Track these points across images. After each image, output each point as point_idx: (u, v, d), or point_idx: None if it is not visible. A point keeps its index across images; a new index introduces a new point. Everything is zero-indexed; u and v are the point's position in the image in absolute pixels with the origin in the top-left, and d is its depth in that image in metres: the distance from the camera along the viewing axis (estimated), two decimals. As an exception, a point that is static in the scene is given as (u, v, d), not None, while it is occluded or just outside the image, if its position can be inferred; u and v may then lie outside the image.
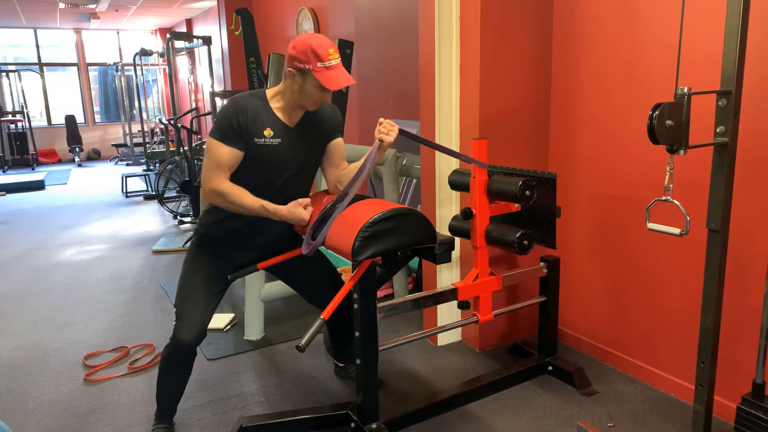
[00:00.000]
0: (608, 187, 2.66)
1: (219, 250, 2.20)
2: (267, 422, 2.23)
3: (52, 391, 2.71)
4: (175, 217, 6.15)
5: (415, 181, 4.30)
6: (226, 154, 2.01)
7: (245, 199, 2.03)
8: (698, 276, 2.31)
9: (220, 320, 3.38)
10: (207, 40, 6.84)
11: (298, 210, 2.06)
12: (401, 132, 2.04)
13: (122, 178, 8.30)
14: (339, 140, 2.23)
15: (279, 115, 2.06)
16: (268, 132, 2.03)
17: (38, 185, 8.83)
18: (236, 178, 2.06)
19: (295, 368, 2.85)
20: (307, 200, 2.11)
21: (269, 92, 2.09)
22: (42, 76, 12.17)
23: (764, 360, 1.95)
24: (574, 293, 2.93)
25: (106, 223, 6.32)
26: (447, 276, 3.00)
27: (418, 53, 2.91)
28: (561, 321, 2.99)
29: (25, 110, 11.34)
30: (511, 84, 2.75)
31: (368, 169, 2.02)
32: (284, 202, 2.07)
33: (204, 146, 2.07)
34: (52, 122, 12.42)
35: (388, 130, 2.00)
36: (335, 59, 1.96)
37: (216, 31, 8.79)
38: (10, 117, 11.33)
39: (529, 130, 2.86)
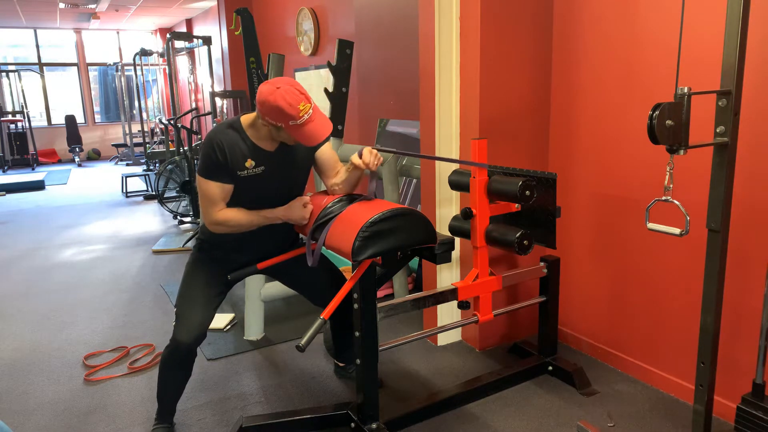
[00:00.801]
0: (608, 187, 2.66)
1: (220, 254, 2.20)
2: (267, 422, 2.23)
3: (52, 391, 2.71)
4: (175, 217, 6.15)
5: (415, 181, 4.30)
6: (215, 189, 2.01)
7: (244, 218, 2.05)
8: (698, 276, 2.31)
9: (220, 320, 3.38)
10: (207, 40, 6.84)
11: (298, 209, 2.06)
12: (382, 151, 2.08)
13: (122, 178, 8.30)
14: (326, 149, 2.19)
15: (257, 143, 2.02)
16: (249, 163, 2.01)
17: (38, 185, 8.83)
18: (232, 204, 2.08)
19: (295, 368, 2.85)
20: (306, 199, 2.12)
21: (245, 120, 2.04)
22: (42, 76, 12.17)
23: (764, 360, 1.95)
24: (574, 293, 2.93)
25: (106, 223, 6.32)
26: (447, 276, 3.00)
27: (418, 53, 2.91)
28: (561, 321, 2.99)
29: (25, 110, 11.35)
30: (511, 84, 2.75)
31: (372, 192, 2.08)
32: None
33: (199, 156, 2.07)
34: (52, 122, 12.42)
35: (376, 162, 2.02)
36: (307, 113, 1.87)
37: (216, 31, 8.79)
38: (10, 117, 11.33)
39: (529, 130, 2.86)
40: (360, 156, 2.02)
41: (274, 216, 2.06)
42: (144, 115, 10.64)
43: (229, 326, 3.37)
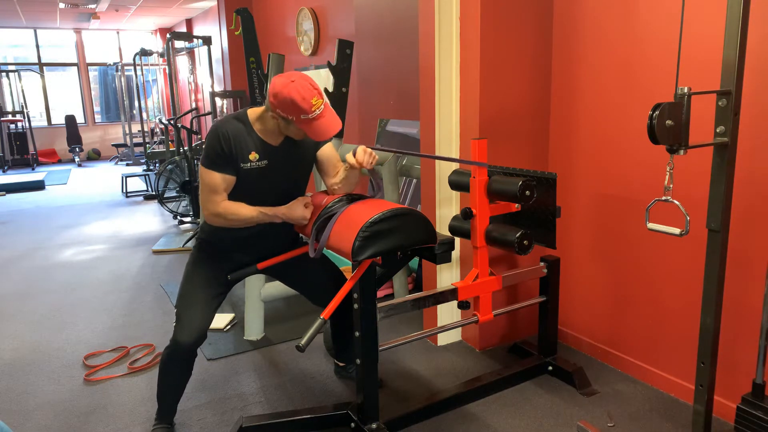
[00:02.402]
0: (608, 187, 2.66)
1: (220, 254, 2.20)
2: (267, 422, 2.23)
3: (52, 391, 2.71)
4: (175, 217, 6.15)
5: (415, 181, 4.30)
6: (217, 180, 2.01)
7: (243, 211, 2.05)
8: (698, 276, 2.31)
9: (220, 320, 3.38)
10: (207, 40, 6.84)
11: (299, 209, 2.06)
12: (377, 150, 2.09)
13: (122, 178, 8.30)
14: (328, 148, 2.20)
15: (262, 136, 2.04)
16: (253, 156, 2.02)
17: (38, 185, 8.83)
18: (233, 198, 2.07)
19: (295, 368, 2.85)
20: (307, 199, 2.12)
21: (252, 114, 2.05)
22: (42, 76, 12.16)
23: (764, 360, 1.95)
24: (574, 293, 2.93)
25: (106, 223, 6.32)
26: (447, 276, 3.00)
27: (418, 53, 2.91)
28: (561, 321, 2.99)
29: (25, 110, 11.34)
30: (512, 84, 2.75)
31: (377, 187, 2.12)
32: None
33: (203, 146, 2.07)
34: (52, 122, 12.41)
35: (371, 161, 2.03)
36: (319, 108, 1.90)
37: (216, 31, 8.78)
38: (10, 117, 11.33)
39: (529, 130, 2.86)
40: (354, 155, 2.03)
41: (274, 214, 2.06)
42: (144, 115, 10.64)
43: (229, 326, 3.37)
